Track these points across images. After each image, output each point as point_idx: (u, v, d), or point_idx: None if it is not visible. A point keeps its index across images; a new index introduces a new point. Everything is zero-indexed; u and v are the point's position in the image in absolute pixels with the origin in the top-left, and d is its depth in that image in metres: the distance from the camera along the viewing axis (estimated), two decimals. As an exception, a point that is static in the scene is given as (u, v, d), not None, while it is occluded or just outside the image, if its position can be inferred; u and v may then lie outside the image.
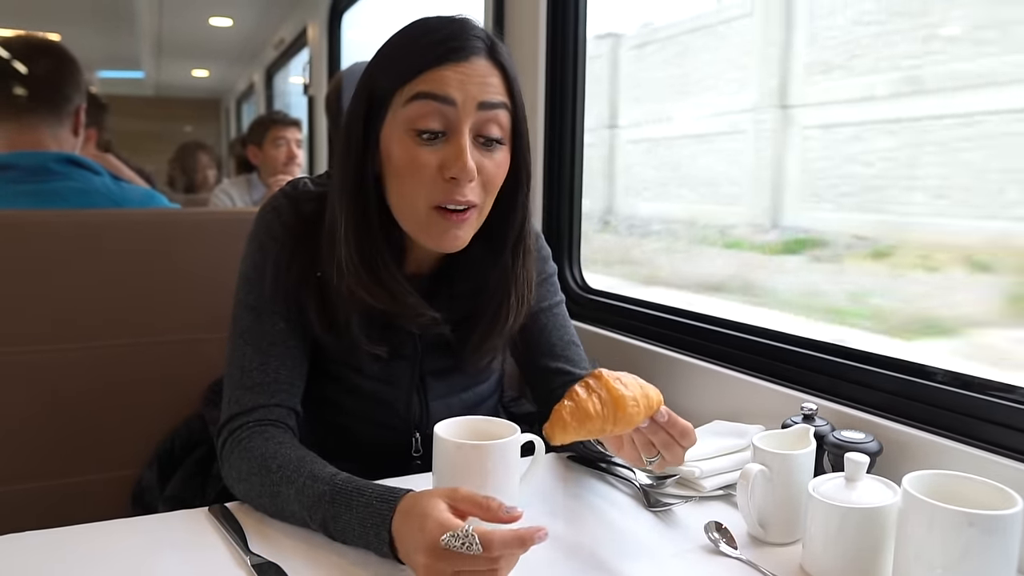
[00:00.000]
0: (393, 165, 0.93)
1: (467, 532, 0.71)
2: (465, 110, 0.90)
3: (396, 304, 0.97)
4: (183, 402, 1.34)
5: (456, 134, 0.91)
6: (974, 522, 0.71)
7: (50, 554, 0.83)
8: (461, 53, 0.91)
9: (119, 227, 1.35)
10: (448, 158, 0.90)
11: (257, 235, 1.03)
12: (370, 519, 0.81)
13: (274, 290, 1.00)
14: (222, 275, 1.40)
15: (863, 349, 1.12)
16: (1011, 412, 0.90)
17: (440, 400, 1.09)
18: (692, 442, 0.87)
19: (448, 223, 0.93)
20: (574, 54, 1.71)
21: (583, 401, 0.79)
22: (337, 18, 3.94)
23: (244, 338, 1.00)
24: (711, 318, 1.38)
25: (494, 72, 0.93)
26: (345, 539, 0.84)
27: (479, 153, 0.93)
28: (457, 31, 0.92)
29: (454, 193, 0.91)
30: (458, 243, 0.95)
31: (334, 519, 0.84)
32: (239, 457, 0.94)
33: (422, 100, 0.90)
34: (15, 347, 1.27)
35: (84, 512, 0.95)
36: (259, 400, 0.97)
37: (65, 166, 1.53)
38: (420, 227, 0.95)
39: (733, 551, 0.88)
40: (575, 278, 1.73)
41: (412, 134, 0.91)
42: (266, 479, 0.90)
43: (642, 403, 0.82)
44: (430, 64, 0.90)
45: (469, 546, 0.71)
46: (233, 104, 9.82)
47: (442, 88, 0.90)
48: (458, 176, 0.90)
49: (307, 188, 1.04)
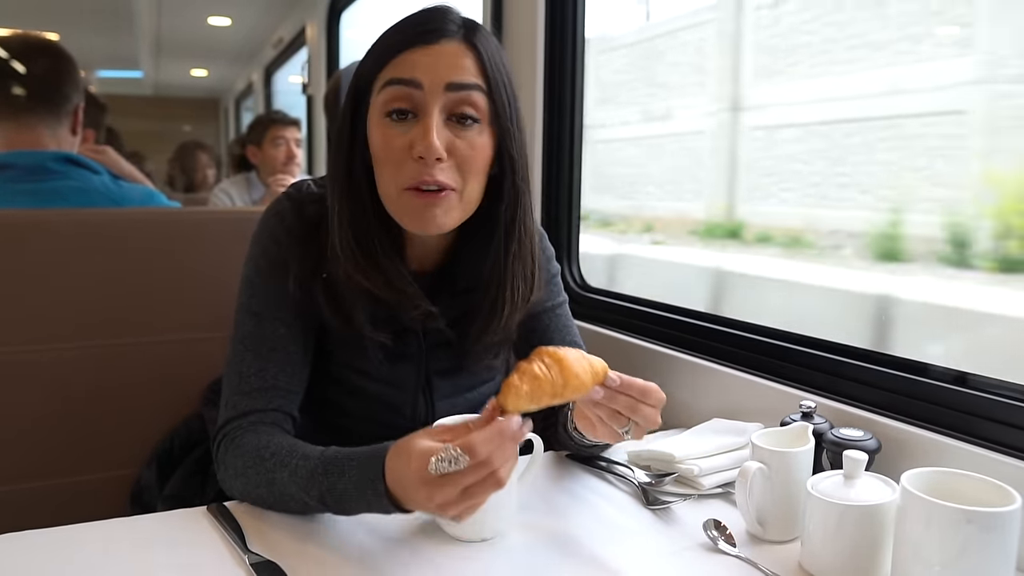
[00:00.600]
0: (373, 151, 0.95)
1: (447, 449, 0.71)
2: (432, 92, 0.90)
3: (393, 291, 0.97)
4: (182, 401, 1.34)
5: (424, 115, 0.91)
6: (972, 519, 0.71)
7: (49, 553, 0.83)
8: (431, 36, 0.91)
9: (118, 226, 1.35)
10: (415, 137, 0.91)
11: (260, 239, 1.03)
12: (364, 478, 0.81)
13: (277, 294, 1.00)
14: (221, 275, 1.40)
15: (862, 347, 1.12)
16: (1010, 409, 0.90)
17: (446, 400, 1.09)
18: (657, 400, 0.85)
19: (422, 202, 0.92)
20: (572, 54, 1.71)
21: (528, 367, 0.79)
22: (336, 17, 3.94)
23: (244, 343, 1.00)
24: (710, 316, 1.39)
25: (467, 54, 0.92)
26: (345, 508, 0.84)
27: (451, 132, 0.92)
28: (432, 15, 0.94)
29: (423, 173, 0.91)
30: (436, 224, 0.94)
31: (330, 491, 0.83)
32: (233, 455, 0.94)
33: (393, 86, 0.91)
34: (13, 346, 1.27)
35: (82, 511, 0.95)
36: (255, 405, 0.97)
37: (64, 165, 1.53)
38: (398, 210, 0.95)
39: (732, 549, 0.88)
40: (574, 277, 1.73)
41: (385, 117, 0.92)
42: (260, 468, 0.90)
43: (586, 364, 0.82)
44: (400, 48, 0.92)
45: (456, 460, 0.71)
46: (232, 103, 9.82)
47: (409, 72, 0.90)
48: (424, 155, 0.89)
49: (310, 190, 1.04)
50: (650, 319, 1.48)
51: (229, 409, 0.98)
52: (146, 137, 6.98)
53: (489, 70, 0.93)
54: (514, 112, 0.96)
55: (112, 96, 2.61)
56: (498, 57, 0.95)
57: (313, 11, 4.15)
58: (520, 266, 1.01)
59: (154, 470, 1.28)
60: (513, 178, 0.97)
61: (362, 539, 0.87)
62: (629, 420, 0.86)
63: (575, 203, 1.74)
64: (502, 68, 0.95)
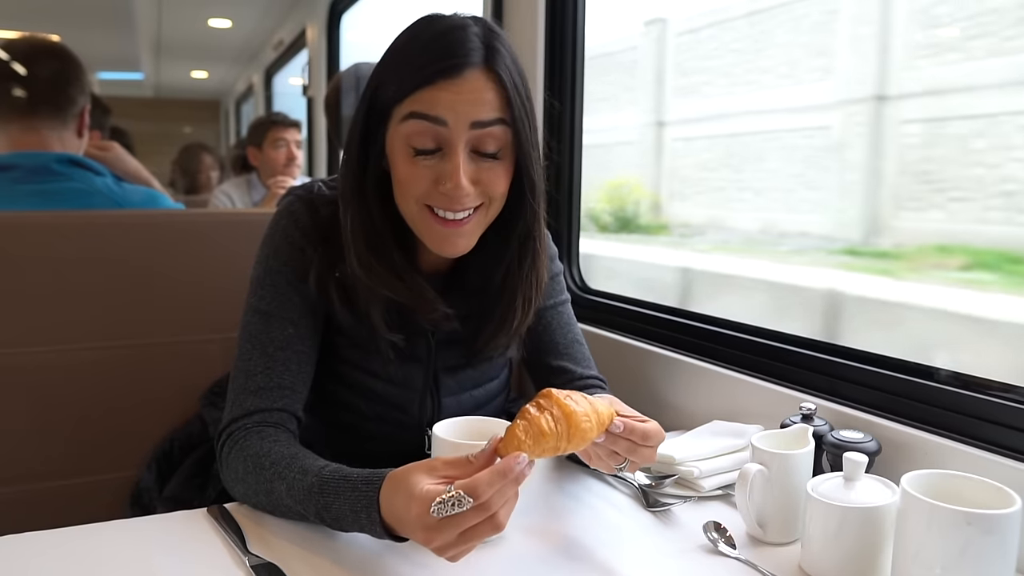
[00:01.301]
0: (397, 178, 0.96)
1: (451, 492, 0.70)
2: (457, 130, 0.91)
3: (412, 296, 0.99)
4: (182, 403, 1.34)
5: (450, 152, 0.91)
6: (972, 521, 0.71)
7: (49, 555, 0.83)
8: (455, 70, 0.90)
9: (119, 229, 1.36)
10: (443, 175, 0.92)
11: (272, 239, 1.03)
12: (359, 503, 0.80)
13: (287, 294, 1.01)
14: (222, 276, 1.40)
15: (862, 349, 1.12)
16: (1010, 411, 0.90)
17: (452, 397, 1.10)
18: (658, 441, 0.87)
19: (447, 231, 0.95)
20: (573, 55, 1.71)
21: (536, 419, 0.78)
22: (336, 19, 3.94)
23: (252, 343, 1.00)
24: (709, 318, 1.39)
25: (489, 86, 0.91)
26: (341, 527, 0.84)
27: (476, 165, 0.93)
28: (453, 43, 0.91)
29: (451, 204, 0.93)
30: (459, 249, 0.97)
31: (326, 509, 0.83)
32: (235, 458, 0.94)
33: (416, 120, 0.91)
34: (14, 348, 1.27)
35: (82, 513, 0.95)
36: (260, 404, 0.97)
37: (67, 167, 1.53)
38: (417, 225, 0.97)
39: (732, 551, 0.88)
40: (574, 278, 1.73)
41: (409, 150, 0.93)
42: (260, 477, 0.90)
43: (594, 419, 0.81)
44: (424, 82, 0.91)
45: (459, 503, 0.70)
46: (232, 105, 9.83)
47: (433, 109, 0.90)
48: (451, 194, 0.92)
49: (322, 192, 1.05)
50: (650, 321, 1.48)
51: (235, 408, 0.98)
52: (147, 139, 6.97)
53: (512, 100, 0.93)
54: (533, 135, 0.97)
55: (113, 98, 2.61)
56: (518, 78, 0.95)
57: (314, 13, 4.15)
58: (534, 277, 1.04)
59: (154, 472, 1.28)
60: (531, 196, 0.99)
61: (362, 542, 0.87)
62: (625, 459, 0.87)
63: (575, 206, 1.75)
64: (522, 90, 0.95)
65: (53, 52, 1.62)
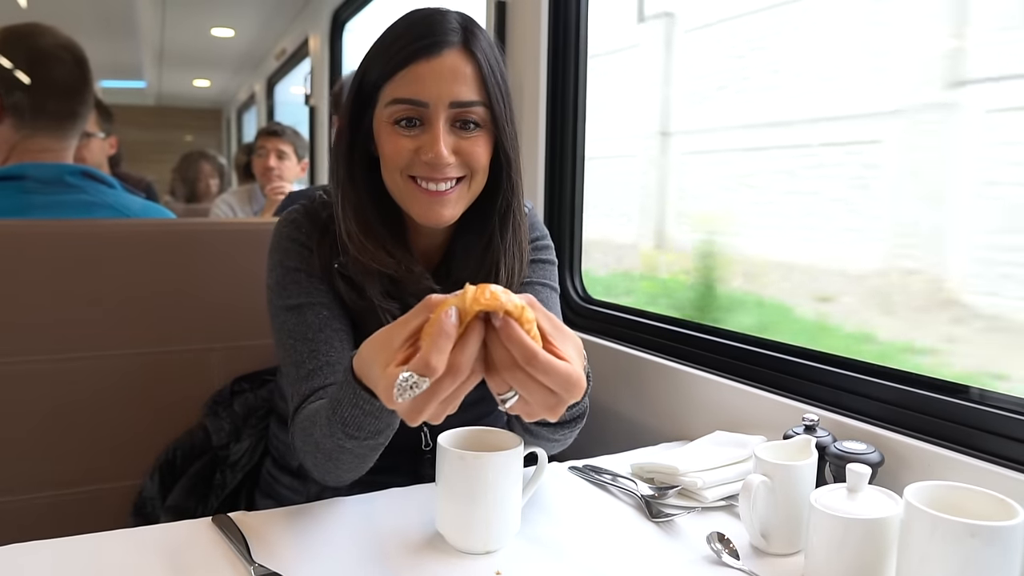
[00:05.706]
0: (382, 152, 1.02)
1: (403, 376, 0.66)
2: (437, 109, 0.97)
3: (400, 269, 1.03)
4: (185, 413, 1.35)
5: (431, 125, 0.98)
6: (976, 533, 0.71)
7: (51, 564, 0.83)
8: (433, 48, 0.96)
9: (121, 237, 1.36)
10: (424, 145, 0.98)
11: (279, 246, 1.07)
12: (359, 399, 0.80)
13: (309, 283, 1.04)
14: (224, 286, 1.41)
15: (865, 360, 1.12)
16: (1013, 423, 0.91)
17: None
18: (548, 373, 0.66)
19: (430, 199, 1.00)
20: (575, 59, 1.72)
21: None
22: (339, 29, 3.96)
23: (292, 336, 1.02)
24: (712, 329, 1.39)
25: (467, 64, 0.98)
26: (359, 424, 0.82)
27: (456, 136, 0.99)
28: (432, 24, 0.98)
29: (432, 173, 0.98)
30: (443, 219, 1.01)
31: (345, 424, 0.83)
32: (300, 428, 0.95)
33: (399, 104, 0.98)
34: (17, 357, 1.27)
35: (85, 523, 0.94)
36: (315, 384, 0.99)
37: (80, 179, 1.52)
38: (403, 198, 1.02)
39: (735, 562, 0.88)
40: (576, 289, 1.73)
41: (393, 125, 0.99)
42: (309, 439, 0.91)
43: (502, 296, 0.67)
44: (404, 62, 0.97)
45: (417, 385, 0.66)
46: (234, 114, 9.86)
47: (414, 92, 0.97)
48: (432, 163, 0.97)
49: (321, 199, 1.10)
50: (653, 331, 1.48)
51: (295, 398, 1.00)
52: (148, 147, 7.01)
53: (488, 81, 0.99)
54: (509, 113, 1.03)
55: (115, 106, 2.61)
56: (494, 61, 1.01)
57: (316, 23, 4.17)
58: (516, 249, 1.08)
59: (156, 481, 1.28)
60: (508, 171, 1.04)
61: (367, 551, 0.88)
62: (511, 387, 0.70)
63: (577, 214, 1.75)
64: (498, 72, 1.01)
65: (63, 60, 1.63)
